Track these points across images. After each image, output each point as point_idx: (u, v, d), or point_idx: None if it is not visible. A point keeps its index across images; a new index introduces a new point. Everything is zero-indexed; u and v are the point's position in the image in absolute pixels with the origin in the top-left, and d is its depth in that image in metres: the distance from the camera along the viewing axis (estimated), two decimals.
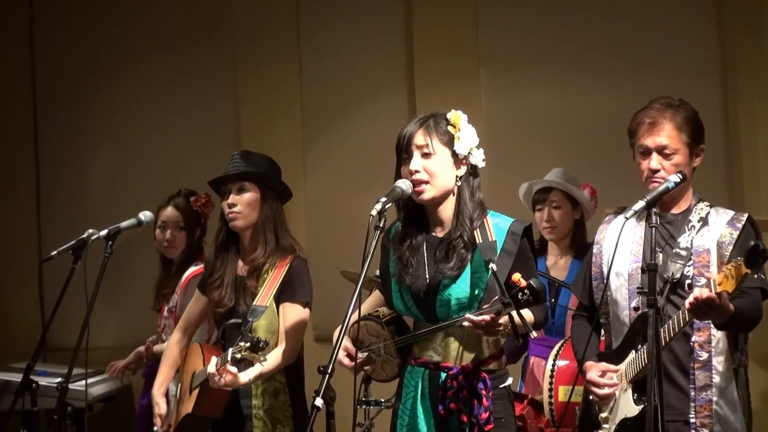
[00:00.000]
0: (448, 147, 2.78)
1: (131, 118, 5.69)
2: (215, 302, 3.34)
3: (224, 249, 3.36)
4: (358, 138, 5.31)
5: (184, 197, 4.18)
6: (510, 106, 4.93)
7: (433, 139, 2.77)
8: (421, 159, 2.77)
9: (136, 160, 5.68)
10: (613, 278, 2.88)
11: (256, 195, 3.30)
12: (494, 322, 2.63)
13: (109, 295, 4.82)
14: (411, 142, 2.78)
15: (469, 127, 2.81)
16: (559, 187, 3.98)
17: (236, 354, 2.98)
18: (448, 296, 2.75)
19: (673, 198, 2.86)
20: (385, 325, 2.90)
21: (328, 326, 3.05)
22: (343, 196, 5.24)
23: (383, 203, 2.63)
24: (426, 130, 2.78)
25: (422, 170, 2.77)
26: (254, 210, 3.29)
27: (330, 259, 4.81)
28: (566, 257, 3.99)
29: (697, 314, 2.60)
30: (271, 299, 3.24)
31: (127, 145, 5.71)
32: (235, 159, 3.33)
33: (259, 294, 3.25)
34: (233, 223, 3.30)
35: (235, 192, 3.29)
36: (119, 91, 5.69)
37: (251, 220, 3.30)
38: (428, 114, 2.84)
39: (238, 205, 3.27)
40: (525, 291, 2.55)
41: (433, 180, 2.77)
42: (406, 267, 2.82)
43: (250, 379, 3.10)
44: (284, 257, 3.29)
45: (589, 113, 4.75)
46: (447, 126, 2.80)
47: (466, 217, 2.78)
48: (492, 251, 2.72)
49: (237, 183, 3.29)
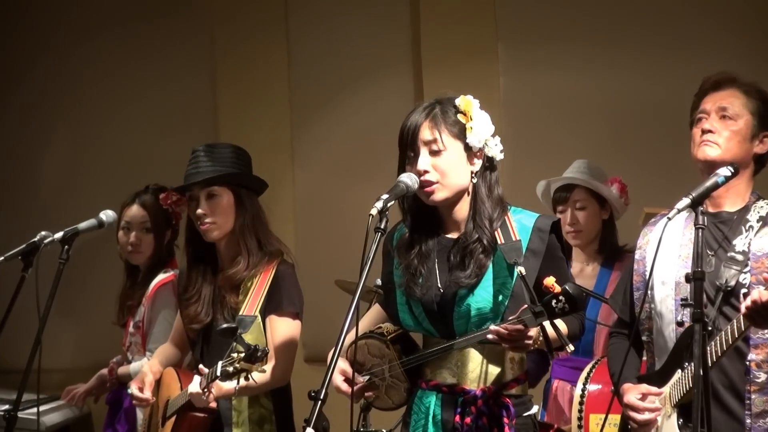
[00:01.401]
0: (460, 139, 2.77)
1: (91, 101, 5.69)
2: (190, 318, 3.35)
3: (199, 260, 3.37)
4: (356, 124, 5.30)
5: (152, 194, 4.17)
6: (533, 87, 4.92)
7: (442, 132, 2.75)
8: (430, 157, 2.76)
9: (97, 151, 5.68)
10: (658, 288, 2.87)
11: (230, 199, 3.30)
12: (524, 334, 2.62)
13: (65, 308, 4.82)
14: (417, 138, 2.77)
15: (482, 115, 2.79)
16: (581, 183, 3.97)
17: (228, 367, 2.95)
18: (467, 307, 2.74)
19: (726, 194, 2.83)
20: (390, 343, 2.89)
21: (321, 345, 3.04)
22: (338, 193, 5.23)
23: (385, 201, 2.60)
24: (433, 121, 2.76)
25: (431, 169, 2.75)
26: (229, 216, 3.30)
27: (323, 266, 4.80)
28: (593, 264, 4.00)
29: (756, 321, 2.56)
30: (258, 311, 3.25)
31: (87, 133, 5.71)
32: (199, 158, 3.31)
33: (243, 307, 3.26)
34: (208, 235, 3.30)
35: (205, 199, 3.28)
36: (77, 69, 5.68)
37: (227, 227, 3.31)
38: (433, 100, 2.82)
39: (209, 215, 3.27)
40: (560, 298, 2.53)
41: (445, 179, 2.76)
42: (414, 277, 2.81)
43: (236, 389, 3.09)
44: (270, 262, 3.30)
45: (624, 95, 4.75)
46: (456, 114, 2.78)
47: (485, 217, 2.77)
48: (517, 252, 2.71)
49: (205, 189, 3.28)
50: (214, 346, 3.24)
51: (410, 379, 2.86)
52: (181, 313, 3.42)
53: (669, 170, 4.31)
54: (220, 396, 3.15)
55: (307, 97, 5.42)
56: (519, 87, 4.93)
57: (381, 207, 2.58)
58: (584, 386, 3.57)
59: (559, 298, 2.54)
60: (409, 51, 5.19)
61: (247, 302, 3.26)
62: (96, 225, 3.58)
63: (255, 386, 3.14)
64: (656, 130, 4.63)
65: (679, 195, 2.63)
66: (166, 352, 3.59)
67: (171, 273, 3.97)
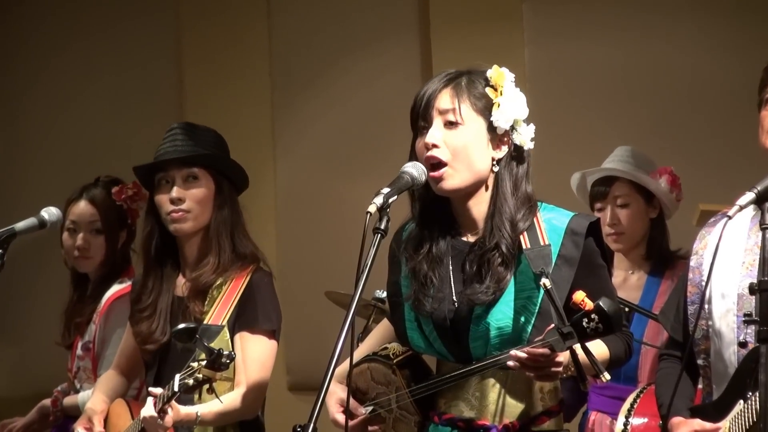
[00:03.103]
0: (483, 116, 2.75)
1: (35, 82, 5.73)
2: (143, 337, 3.35)
3: (158, 262, 3.37)
4: (350, 106, 5.31)
5: (102, 188, 4.16)
6: (564, 59, 4.94)
7: (463, 103, 2.74)
8: (443, 129, 2.74)
9: (41, 139, 5.72)
10: (717, 301, 2.86)
11: (210, 187, 3.32)
12: (551, 360, 2.59)
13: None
14: (432, 105, 2.75)
15: (516, 93, 2.78)
16: (624, 175, 3.97)
17: (187, 379, 2.96)
18: (485, 326, 2.73)
19: None
20: (397, 368, 2.88)
21: (308, 370, 3.04)
22: (328, 187, 5.25)
23: (385, 196, 2.58)
24: (455, 89, 2.75)
25: (442, 144, 2.73)
26: (207, 207, 3.32)
27: (310, 275, 4.81)
28: (639, 273, 4.00)
29: None
30: (225, 322, 3.25)
31: (29, 118, 5.74)
32: (176, 135, 3.33)
33: (208, 317, 3.27)
34: (178, 226, 3.30)
35: (182, 182, 3.30)
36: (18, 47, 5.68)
37: (202, 221, 3.32)
38: (461, 69, 2.81)
39: (186, 201, 3.28)
40: (592, 316, 2.52)
41: (457, 161, 2.73)
42: (424, 286, 2.80)
43: (198, 414, 3.09)
44: (243, 268, 3.31)
45: (676, 69, 4.75)
46: (485, 87, 2.77)
47: (506, 218, 2.75)
48: (545, 260, 2.69)
49: (185, 169, 3.29)
50: (173, 369, 3.23)
51: (421, 411, 2.85)
52: (133, 330, 3.42)
53: (730, 160, 4.31)
54: (180, 422, 3.14)
55: (291, 73, 5.44)
56: (548, 60, 4.95)
57: (381, 203, 2.56)
58: (627, 419, 3.56)
59: (591, 316, 2.52)
60: (415, 17, 5.22)
61: (212, 312, 3.27)
62: (36, 225, 3.57)
63: (221, 413, 3.14)
64: (715, 111, 4.64)
65: (742, 189, 2.62)
66: (110, 382, 3.58)
67: (127, 284, 3.96)
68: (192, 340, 3.00)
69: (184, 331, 3.00)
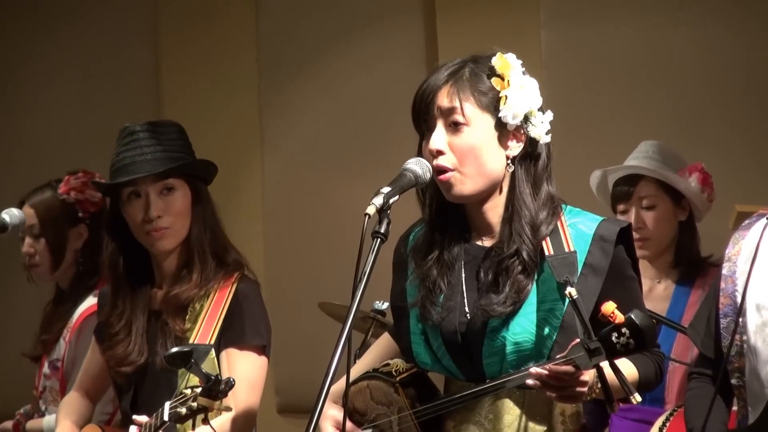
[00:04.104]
0: (490, 112, 2.75)
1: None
2: (118, 359, 3.34)
3: (128, 280, 3.36)
4: (346, 94, 5.32)
5: (49, 188, 4.15)
6: (584, 43, 4.94)
7: (466, 101, 2.74)
8: (447, 133, 2.75)
9: (6, 131, 5.75)
10: (752, 314, 2.86)
11: (187, 195, 3.33)
12: (575, 379, 2.59)
13: None
14: (432, 105, 2.75)
15: (524, 81, 2.77)
16: (649, 174, 3.97)
17: (179, 408, 2.94)
18: (501, 341, 2.73)
19: None
20: (400, 386, 2.88)
21: (300, 390, 3.04)
22: (322, 185, 5.25)
23: (386, 196, 2.59)
24: (455, 85, 2.74)
25: (448, 150, 2.74)
26: (186, 219, 3.33)
27: (302, 284, 4.81)
28: (667, 282, 4.02)
29: None
30: (212, 341, 3.26)
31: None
32: (140, 141, 3.30)
33: (193, 337, 3.27)
34: (160, 244, 3.31)
35: (157, 194, 3.29)
36: None
37: (183, 234, 3.33)
38: (467, 57, 2.80)
39: (165, 216, 3.28)
40: (622, 330, 2.52)
41: (465, 166, 2.74)
42: (432, 293, 2.80)
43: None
44: (226, 278, 3.32)
45: (708, 56, 4.75)
46: (491, 78, 2.76)
47: (525, 222, 2.75)
48: (570, 268, 2.69)
49: (159, 182, 3.29)
50: (153, 392, 3.24)
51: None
52: (105, 354, 3.40)
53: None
54: None
55: (280, 59, 5.45)
56: (566, 43, 4.95)
57: (381, 204, 2.57)
58: None
59: (621, 330, 2.52)
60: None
61: (197, 332, 3.27)
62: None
63: None
64: (752, 101, 4.63)
65: None
66: (75, 406, 3.55)
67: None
68: (187, 365, 2.98)
69: (177, 356, 2.97)
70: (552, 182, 2.80)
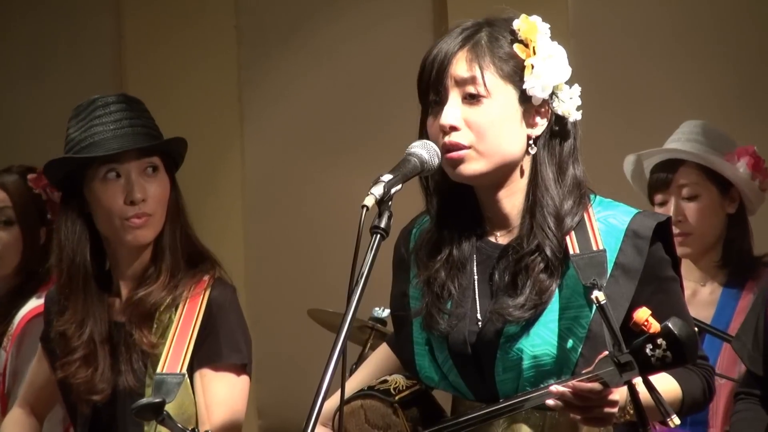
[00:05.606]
0: (513, 83, 2.76)
1: None
2: (87, 388, 3.31)
3: (86, 283, 3.34)
4: (339, 67, 5.33)
5: (18, 175, 4.20)
6: (617, 9, 4.94)
7: (486, 69, 2.74)
8: (462, 105, 2.75)
9: None
10: None
11: (166, 180, 3.36)
12: (603, 398, 2.60)
13: None
14: (445, 73, 2.75)
15: (553, 47, 2.78)
16: (691, 158, 3.99)
17: None
18: (517, 354, 2.74)
19: None
20: (399, 407, 2.88)
21: (286, 412, 3.04)
22: (311, 173, 5.26)
23: (387, 185, 2.59)
24: (474, 51, 2.75)
25: (463, 126, 2.74)
26: (164, 209, 3.35)
27: (288, 288, 4.81)
28: (712, 284, 4.04)
29: None
30: (185, 368, 3.26)
31: None
32: (119, 111, 3.32)
33: (162, 356, 3.27)
34: (140, 233, 3.31)
35: (140, 175, 3.30)
36: None
37: (160, 227, 3.35)
38: (480, 20, 2.80)
39: (149, 201, 3.30)
40: (658, 341, 2.53)
41: (483, 143, 2.74)
42: (439, 298, 2.80)
43: None
44: (197, 282, 3.33)
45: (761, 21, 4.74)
46: (512, 44, 2.77)
47: (549, 212, 2.75)
48: (598, 269, 2.70)
49: (144, 159, 3.31)
50: (114, 416, 3.28)
51: None
52: (56, 371, 3.38)
53: None
54: None
55: (263, 25, 5.46)
56: (597, 9, 4.95)
57: (381, 194, 2.57)
58: None
59: (657, 341, 2.53)
60: None
61: (167, 353, 3.26)
62: None
63: None
64: None
65: None
66: (20, 425, 3.55)
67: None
68: (158, 417, 3.01)
69: (147, 408, 3.00)
70: (579, 165, 2.80)
